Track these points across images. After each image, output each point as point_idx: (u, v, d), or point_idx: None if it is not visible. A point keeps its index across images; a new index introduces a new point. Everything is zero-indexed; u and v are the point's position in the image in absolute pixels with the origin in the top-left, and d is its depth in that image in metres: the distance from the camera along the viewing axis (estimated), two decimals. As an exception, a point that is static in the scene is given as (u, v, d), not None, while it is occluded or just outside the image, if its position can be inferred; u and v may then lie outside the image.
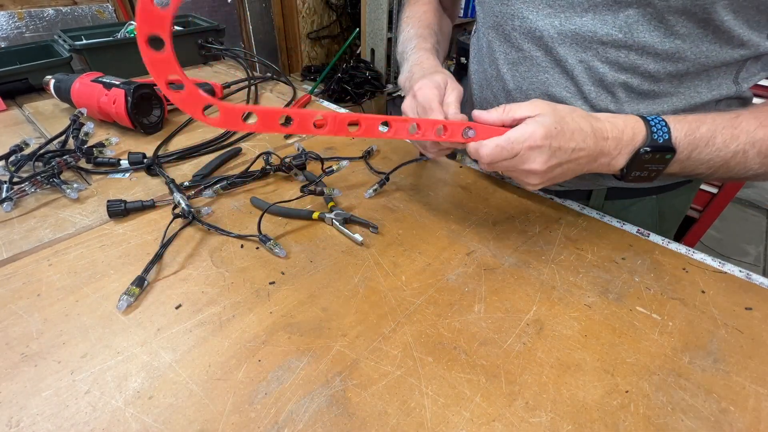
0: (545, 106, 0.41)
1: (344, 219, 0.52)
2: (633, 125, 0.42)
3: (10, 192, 0.54)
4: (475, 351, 0.38)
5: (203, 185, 0.57)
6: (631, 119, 0.43)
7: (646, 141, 0.42)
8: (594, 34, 0.48)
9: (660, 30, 0.45)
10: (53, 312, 0.40)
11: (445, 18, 0.71)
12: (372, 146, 0.70)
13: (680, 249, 0.51)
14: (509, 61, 0.57)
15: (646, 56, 0.47)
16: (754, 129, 0.42)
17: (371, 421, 0.33)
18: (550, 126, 0.39)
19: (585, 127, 0.40)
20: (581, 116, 0.41)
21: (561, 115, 0.40)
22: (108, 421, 0.32)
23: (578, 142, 0.40)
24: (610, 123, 0.42)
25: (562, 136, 0.39)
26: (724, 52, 0.45)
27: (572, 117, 0.41)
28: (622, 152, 0.42)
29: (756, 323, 0.42)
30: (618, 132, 0.42)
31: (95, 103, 0.70)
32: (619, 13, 0.46)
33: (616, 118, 0.43)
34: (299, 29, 2.54)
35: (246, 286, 0.44)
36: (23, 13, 1.31)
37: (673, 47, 0.46)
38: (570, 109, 0.42)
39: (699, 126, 0.42)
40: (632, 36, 0.46)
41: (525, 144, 0.39)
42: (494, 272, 0.47)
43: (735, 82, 0.50)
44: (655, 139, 0.41)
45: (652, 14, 0.45)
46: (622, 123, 0.42)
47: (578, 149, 0.40)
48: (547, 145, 0.39)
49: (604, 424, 0.33)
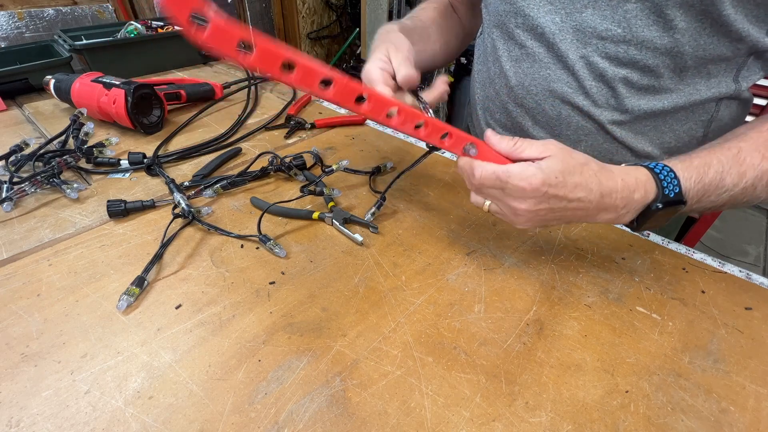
0: (558, 152, 0.38)
1: (344, 219, 0.52)
2: (644, 183, 0.39)
3: (10, 192, 0.53)
4: (475, 351, 0.38)
5: (203, 185, 0.57)
6: (642, 176, 0.40)
7: (658, 197, 0.39)
8: (594, 29, 0.49)
9: (659, 24, 0.45)
10: (53, 312, 0.40)
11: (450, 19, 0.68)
12: (387, 163, 0.65)
13: (680, 249, 0.51)
14: (512, 58, 0.57)
15: (645, 51, 0.47)
16: (759, 162, 0.41)
17: (371, 421, 0.33)
18: (551, 175, 0.37)
19: (592, 183, 0.38)
20: (593, 171, 0.38)
21: (570, 165, 0.37)
22: (108, 421, 0.32)
23: (579, 196, 0.38)
24: (622, 182, 0.39)
25: (562, 187, 0.37)
26: (722, 46, 0.46)
27: (581, 170, 0.38)
28: (631, 210, 0.40)
29: (756, 323, 0.42)
30: (629, 192, 0.39)
31: (95, 103, 0.70)
32: (618, 8, 0.47)
33: (628, 176, 0.39)
34: (299, 29, 2.54)
35: (246, 286, 0.44)
36: (23, 13, 1.31)
37: (672, 41, 0.46)
38: (583, 162, 0.38)
39: (707, 171, 0.40)
40: (631, 30, 0.47)
41: (520, 183, 0.37)
42: (494, 272, 0.47)
43: (735, 80, 0.50)
44: (666, 194, 0.39)
45: (650, 8, 0.45)
46: (633, 182, 0.39)
47: (577, 201, 0.38)
48: (542, 191, 0.37)
49: (604, 424, 0.33)
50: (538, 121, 0.59)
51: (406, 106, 0.39)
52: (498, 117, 0.64)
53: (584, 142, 0.57)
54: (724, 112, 0.54)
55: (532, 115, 0.59)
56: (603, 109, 0.53)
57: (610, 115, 0.53)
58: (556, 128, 0.58)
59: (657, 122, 0.53)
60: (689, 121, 0.53)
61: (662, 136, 0.54)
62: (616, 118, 0.53)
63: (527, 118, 0.60)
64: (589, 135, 0.56)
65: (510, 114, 0.62)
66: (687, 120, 0.53)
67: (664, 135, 0.54)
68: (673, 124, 0.53)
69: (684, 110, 0.52)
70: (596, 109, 0.53)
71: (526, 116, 0.60)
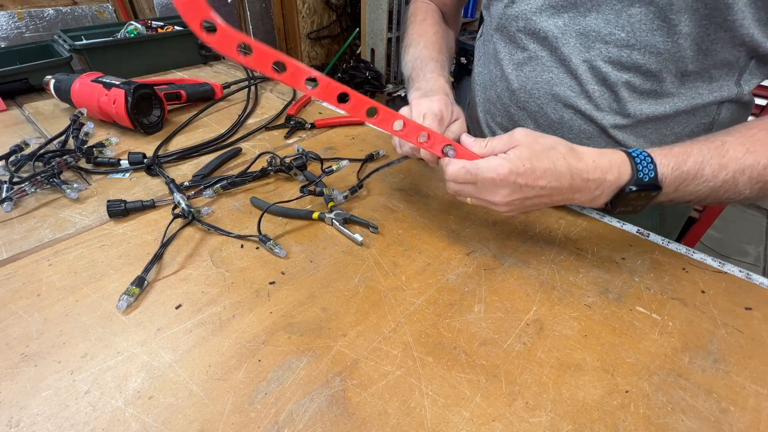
0: (524, 139, 0.39)
1: (344, 219, 0.52)
2: (619, 165, 0.40)
3: (10, 192, 0.54)
4: (475, 351, 0.38)
5: (203, 185, 0.57)
6: (617, 158, 0.40)
7: (632, 179, 0.40)
8: (597, 33, 0.49)
9: (663, 29, 0.45)
10: (53, 312, 0.40)
11: (448, 31, 0.71)
12: (380, 150, 0.68)
13: (680, 249, 0.51)
14: (514, 61, 0.57)
15: (649, 55, 0.47)
16: (743, 155, 0.40)
17: (371, 421, 0.33)
18: (518, 163, 0.38)
19: (561, 167, 0.39)
20: (560, 154, 0.39)
21: (536, 151, 0.39)
22: (108, 421, 0.32)
23: (549, 180, 0.39)
24: (593, 162, 0.40)
25: (530, 173, 0.38)
26: (725, 50, 0.45)
27: (548, 155, 0.39)
28: (605, 191, 0.41)
29: (756, 323, 0.42)
30: (601, 173, 0.40)
31: (95, 103, 0.70)
32: (623, 13, 0.46)
33: (601, 157, 0.40)
34: (299, 29, 2.54)
35: (246, 286, 0.44)
36: (23, 13, 1.31)
37: (675, 46, 0.46)
38: (550, 145, 0.39)
39: (686, 159, 0.40)
40: (635, 35, 0.47)
41: (488, 175, 0.39)
42: (494, 272, 0.47)
43: (737, 84, 0.50)
44: (641, 177, 0.39)
45: (655, 13, 0.45)
46: (606, 163, 0.40)
47: (548, 187, 0.39)
48: (510, 180, 0.38)
49: (604, 424, 0.33)
50: (539, 124, 0.59)
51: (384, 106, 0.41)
52: (499, 120, 0.64)
53: (585, 146, 0.57)
54: (726, 115, 0.54)
55: (534, 119, 0.59)
56: (605, 113, 0.53)
57: (612, 119, 0.53)
58: (558, 132, 0.58)
59: (659, 126, 0.53)
60: (690, 125, 0.53)
61: (664, 139, 0.54)
62: (618, 122, 0.53)
63: (529, 122, 0.60)
64: (591, 139, 0.56)
65: (512, 117, 0.62)
66: (688, 123, 0.53)
67: (666, 138, 0.54)
68: (675, 128, 0.53)
69: (686, 114, 0.52)
70: (598, 113, 0.53)
71: (527, 119, 0.60)
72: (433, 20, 0.68)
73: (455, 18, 0.75)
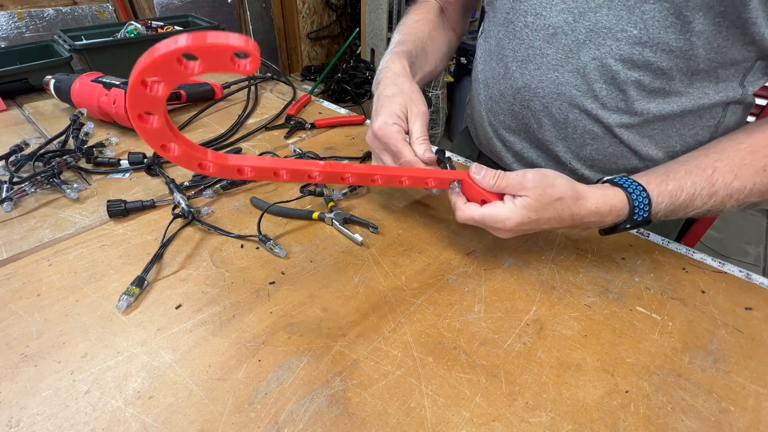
0: (534, 188, 0.40)
1: (344, 219, 0.52)
2: (618, 210, 0.42)
3: (10, 192, 0.53)
4: (475, 351, 0.38)
5: (203, 185, 0.57)
6: (618, 203, 0.42)
7: (627, 220, 0.43)
8: (609, 30, 0.48)
9: (676, 26, 0.45)
10: (53, 312, 0.40)
11: (442, 30, 0.69)
12: None
13: (680, 249, 0.51)
14: (518, 59, 0.56)
15: (660, 53, 0.47)
16: (731, 182, 0.43)
17: (371, 421, 0.33)
18: (525, 215, 0.40)
19: (565, 215, 0.41)
20: (566, 205, 0.40)
21: (544, 203, 0.40)
22: (108, 421, 0.32)
23: (551, 224, 0.42)
24: (596, 208, 0.41)
25: (535, 223, 0.41)
26: (735, 49, 0.45)
27: (554, 206, 0.40)
28: (602, 226, 0.45)
29: (756, 323, 0.42)
30: (600, 217, 0.42)
31: (95, 103, 0.70)
32: (636, 9, 0.46)
33: (604, 204, 0.42)
34: (299, 29, 2.54)
35: (246, 286, 0.44)
36: (23, 13, 1.31)
37: (687, 44, 0.45)
38: (558, 196, 0.40)
39: (679, 195, 0.43)
40: (648, 32, 0.46)
41: (495, 225, 0.41)
42: (494, 272, 0.47)
43: (741, 85, 0.50)
44: (635, 218, 0.42)
45: (669, 9, 0.44)
46: (607, 209, 0.42)
47: (550, 226, 0.42)
48: (516, 228, 0.41)
49: (604, 424, 0.33)
50: (544, 123, 0.58)
51: (384, 170, 0.43)
52: (503, 119, 0.64)
53: (590, 146, 0.57)
54: (731, 118, 0.53)
55: (538, 118, 0.58)
56: (611, 113, 0.53)
57: (618, 118, 0.53)
58: (562, 131, 0.57)
59: (665, 126, 0.53)
60: (696, 126, 0.53)
61: (669, 140, 0.54)
62: (624, 121, 0.53)
63: (533, 121, 0.59)
64: (596, 139, 0.56)
65: (516, 116, 0.61)
66: (694, 125, 0.53)
67: (671, 139, 0.54)
68: (681, 128, 0.53)
69: (692, 114, 0.52)
70: (604, 113, 0.53)
71: (531, 119, 0.59)
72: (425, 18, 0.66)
73: (460, 18, 0.73)
